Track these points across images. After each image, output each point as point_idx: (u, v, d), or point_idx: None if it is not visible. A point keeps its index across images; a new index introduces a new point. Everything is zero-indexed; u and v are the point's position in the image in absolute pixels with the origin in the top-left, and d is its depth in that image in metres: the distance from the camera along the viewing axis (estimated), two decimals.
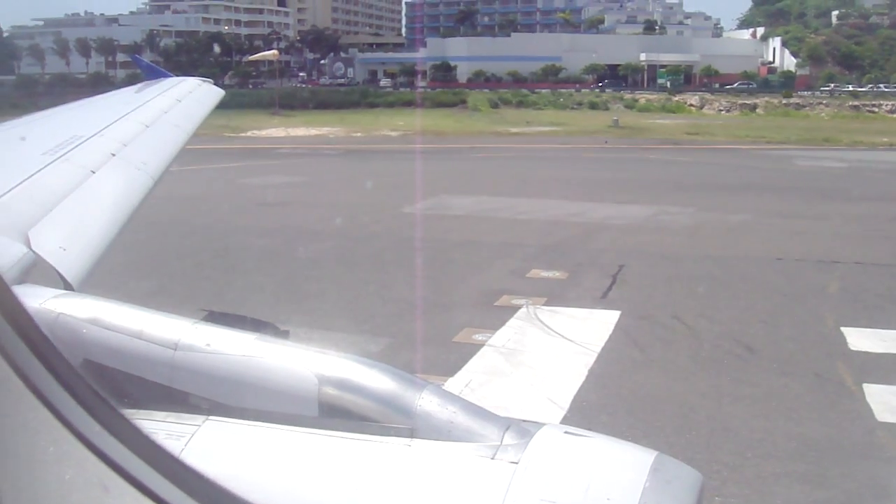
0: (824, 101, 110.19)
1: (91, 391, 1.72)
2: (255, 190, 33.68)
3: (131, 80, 14.25)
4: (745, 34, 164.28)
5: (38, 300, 3.02)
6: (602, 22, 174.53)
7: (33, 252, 3.92)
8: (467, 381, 11.91)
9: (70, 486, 1.60)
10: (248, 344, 2.80)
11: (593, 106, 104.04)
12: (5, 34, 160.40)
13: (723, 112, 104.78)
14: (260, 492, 2.41)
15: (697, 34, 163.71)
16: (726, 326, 15.18)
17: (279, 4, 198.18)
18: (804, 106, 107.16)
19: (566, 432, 2.54)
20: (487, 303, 16.47)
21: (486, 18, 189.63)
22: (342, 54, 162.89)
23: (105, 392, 2.79)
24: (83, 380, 1.77)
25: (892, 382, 12.25)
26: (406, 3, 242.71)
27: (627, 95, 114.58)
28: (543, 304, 16.19)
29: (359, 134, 68.12)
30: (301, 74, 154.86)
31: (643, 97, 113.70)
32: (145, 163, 6.43)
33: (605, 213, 27.64)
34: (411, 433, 2.49)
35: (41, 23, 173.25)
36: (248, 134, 66.83)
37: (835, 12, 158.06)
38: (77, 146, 5.92)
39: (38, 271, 3.79)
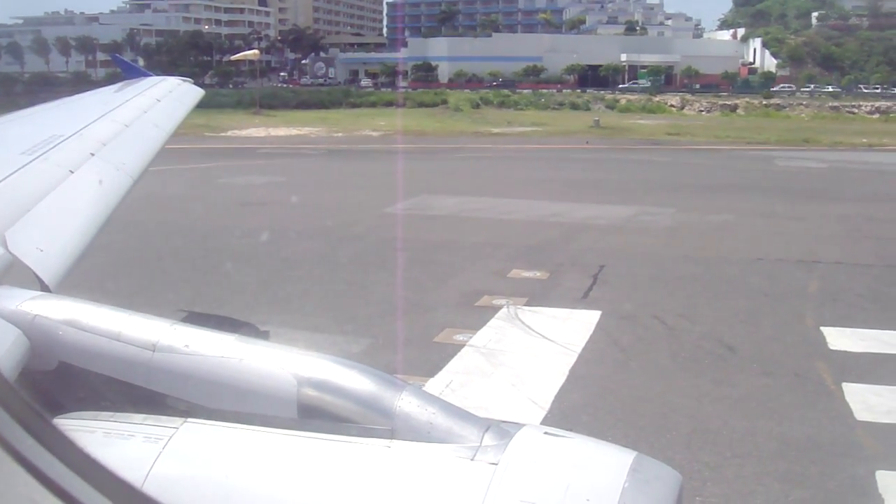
0: (804, 102, 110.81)
1: (23, 402, 1.68)
2: (235, 190, 33.54)
3: (111, 80, 14.19)
4: (726, 35, 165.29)
5: (15, 302, 2.99)
6: (583, 22, 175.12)
7: (10, 253, 3.88)
8: (448, 381, 11.90)
9: None
10: (228, 345, 2.78)
11: (574, 106, 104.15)
12: None
13: (703, 112, 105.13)
14: (238, 494, 2.40)
15: (678, 35, 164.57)
16: (707, 326, 15.23)
17: (260, 4, 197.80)
18: (784, 107, 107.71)
19: (546, 433, 2.55)
20: (468, 303, 16.46)
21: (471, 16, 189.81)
22: (323, 54, 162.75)
23: (80, 394, 2.79)
24: (15, 390, 1.73)
25: (872, 382, 12.31)
26: (387, 3, 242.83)
27: (608, 96, 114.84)
28: (524, 305, 16.19)
29: (340, 134, 67.93)
30: (282, 74, 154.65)
31: (624, 98, 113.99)
32: (125, 163, 6.39)
33: (586, 214, 27.68)
34: (391, 434, 2.48)
35: (20, 21, 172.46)
36: (229, 134, 66.51)
37: (815, 14, 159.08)
38: (56, 146, 5.87)
39: (15, 273, 3.75)
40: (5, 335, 2.79)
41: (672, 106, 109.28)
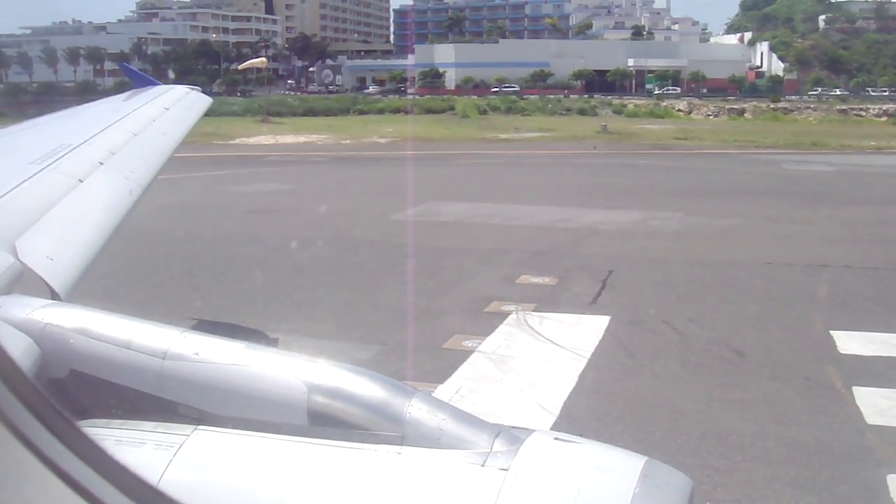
0: (812, 106, 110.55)
1: (53, 409, 1.69)
2: (243, 198, 33.56)
3: (119, 89, 14.25)
4: (733, 39, 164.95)
5: (25, 310, 3.00)
6: (590, 28, 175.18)
7: (20, 262, 3.90)
8: (457, 387, 11.88)
9: None
10: (237, 353, 2.79)
11: (582, 112, 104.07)
12: None
13: (711, 117, 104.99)
14: (250, 501, 2.40)
15: (685, 39, 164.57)
16: (716, 331, 15.18)
17: (267, 12, 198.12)
18: (792, 110, 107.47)
19: (556, 438, 2.55)
20: (477, 309, 16.44)
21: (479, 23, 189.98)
22: (330, 61, 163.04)
23: (89, 404, 2.80)
24: (45, 397, 1.74)
25: (882, 385, 12.27)
26: (394, 10, 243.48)
27: (616, 101, 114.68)
28: (533, 310, 16.16)
29: (348, 141, 67.97)
30: (289, 82, 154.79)
31: (631, 102, 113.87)
32: (133, 171, 6.41)
33: (594, 219, 27.63)
34: (401, 441, 2.48)
35: (29, 31, 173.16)
36: (237, 141, 66.63)
37: (822, 17, 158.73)
38: (65, 155, 5.90)
39: (26, 281, 3.77)
40: (17, 343, 2.81)
41: (679, 110, 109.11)
